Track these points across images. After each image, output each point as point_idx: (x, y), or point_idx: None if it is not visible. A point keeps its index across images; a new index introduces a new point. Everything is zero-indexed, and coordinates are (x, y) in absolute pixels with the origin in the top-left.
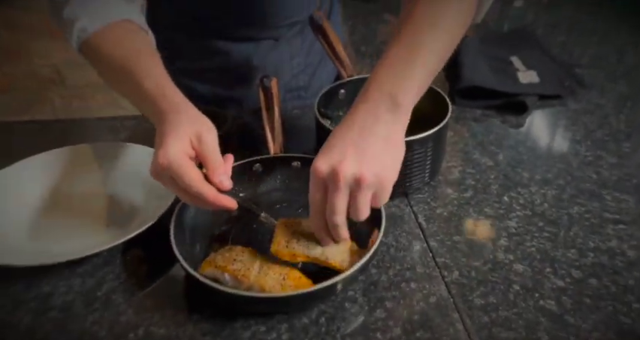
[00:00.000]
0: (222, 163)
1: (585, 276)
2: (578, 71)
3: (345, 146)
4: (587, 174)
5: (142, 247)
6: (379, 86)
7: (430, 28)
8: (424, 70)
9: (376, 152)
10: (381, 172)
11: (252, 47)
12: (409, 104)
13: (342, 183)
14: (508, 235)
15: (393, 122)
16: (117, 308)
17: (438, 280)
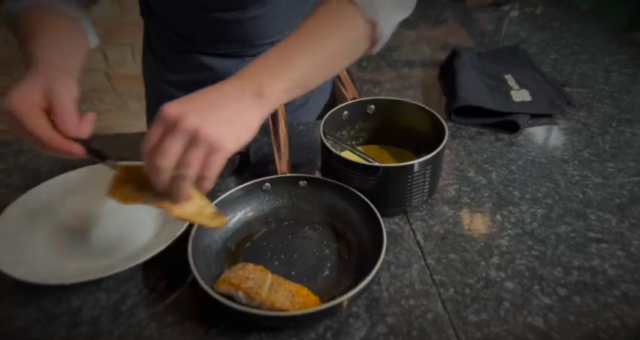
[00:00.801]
0: (73, 113)
1: (570, 294)
2: (568, 89)
3: (202, 103)
4: (573, 194)
5: (160, 264)
6: (254, 73)
7: (314, 41)
8: (293, 78)
9: (226, 121)
10: (222, 139)
11: (237, 62)
12: (272, 99)
13: (181, 129)
14: (499, 253)
15: (252, 106)
16: (140, 323)
17: (435, 297)
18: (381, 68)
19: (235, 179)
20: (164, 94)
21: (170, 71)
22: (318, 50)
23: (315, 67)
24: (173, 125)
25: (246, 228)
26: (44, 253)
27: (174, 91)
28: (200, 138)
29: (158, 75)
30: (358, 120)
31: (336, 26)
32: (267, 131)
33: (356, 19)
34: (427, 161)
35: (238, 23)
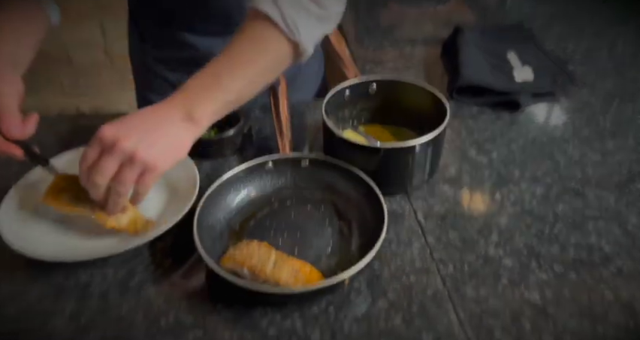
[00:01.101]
0: (15, 115)
1: (566, 270)
2: (571, 67)
3: (136, 127)
4: (572, 172)
5: (165, 241)
6: (184, 97)
7: (241, 62)
8: (224, 97)
9: (159, 142)
10: (155, 160)
11: (219, 41)
12: (201, 121)
13: (118, 151)
14: (499, 232)
15: (183, 129)
16: (149, 298)
17: (434, 274)
18: (384, 47)
19: (238, 158)
20: (149, 70)
21: (153, 48)
22: (246, 70)
23: (243, 86)
24: (110, 147)
25: (249, 207)
26: (51, 230)
27: (158, 66)
28: (135, 160)
29: (142, 50)
30: (360, 100)
31: (261, 48)
32: (269, 111)
33: (280, 41)
34: (428, 141)
35: (224, 0)
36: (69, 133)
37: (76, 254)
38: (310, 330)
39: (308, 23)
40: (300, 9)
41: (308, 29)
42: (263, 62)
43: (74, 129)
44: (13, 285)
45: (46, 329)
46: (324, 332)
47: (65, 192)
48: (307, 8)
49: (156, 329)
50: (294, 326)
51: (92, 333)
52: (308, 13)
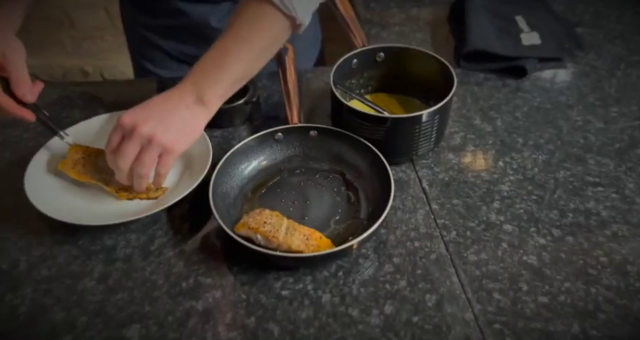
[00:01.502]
0: (27, 80)
1: (563, 234)
2: (579, 30)
3: (153, 113)
4: (575, 139)
5: (182, 208)
6: (194, 82)
7: (242, 42)
8: (229, 78)
9: (174, 125)
10: (172, 142)
11: (209, 8)
12: (212, 103)
13: (137, 136)
14: (500, 198)
15: (196, 112)
16: (169, 261)
17: (438, 240)
18: (390, 8)
19: (247, 127)
20: (140, 37)
21: (144, 15)
22: (247, 49)
23: (247, 64)
24: (130, 132)
25: (260, 175)
26: (76, 196)
27: (150, 35)
28: (153, 143)
29: (134, 18)
30: (367, 68)
31: (259, 26)
32: (276, 79)
33: (276, 17)
34: (434, 111)
35: None
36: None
37: (101, 218)
38: (321, 292)
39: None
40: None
41: (303, 3)
42: (262, 40)
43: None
44: (43, 248)
45: (77, 290)
46: (334, 294)
47: (81, 165)
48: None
49: (178, 290)
50: (305, 289)
51: (120, 294)
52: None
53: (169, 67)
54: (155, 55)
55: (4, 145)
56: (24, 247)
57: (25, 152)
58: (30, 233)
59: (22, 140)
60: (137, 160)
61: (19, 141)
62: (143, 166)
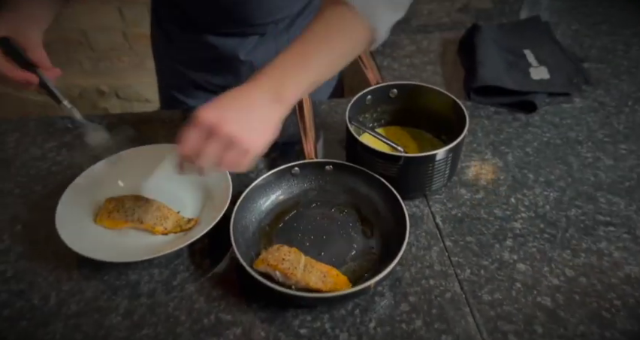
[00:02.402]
0: (41, 49)
1: (576, 275)
2: (586, 65)
3: (233, 110)
4: (585, 176)
5: (202, 242)
6: (272, 79)
7: (324, 43)
8: (308, 78)
9: (255, 126)
10: (254, 143)
11: (238, 41)
12: (289, 101)
13: (220, 135)
14: (513, 236)
15: (274, 109)
16: (191, 297)
17: (452, 278)
18: (400, 39)
19: (264, 159)
20: (171, 69)
21: (176, 48)
22: (328, 52)
23: (325, 67)
24: (212, 131)
25: (277, 209)
26: (104, 232)
27: (180, 66)
28: (236, 143)
29: (165, 50)
30: (381, 103)
31: (341, 32)
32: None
33: (357, 25)
34: (448, 150)
35: (241, 3)
36: None
37: (127, 255)
38: (338, 331)
39: (384, 9)
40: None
41: (384, 16)
42: (342, 45)
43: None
44: (71, 284)
45: (104, 325)
46: (352, 333)
47: (115, 212)
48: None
49: (200, 327)
50: (323, 327)
51: (145, 330)
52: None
53: (197, 96)
54: (184, 85)
55: (36, 178)
56: (54, 282)
57: (55, 185)
58: (60, 267)
59: (50, 173)
60: (218, 160)
61: (47, 175)
62: (224, 166)
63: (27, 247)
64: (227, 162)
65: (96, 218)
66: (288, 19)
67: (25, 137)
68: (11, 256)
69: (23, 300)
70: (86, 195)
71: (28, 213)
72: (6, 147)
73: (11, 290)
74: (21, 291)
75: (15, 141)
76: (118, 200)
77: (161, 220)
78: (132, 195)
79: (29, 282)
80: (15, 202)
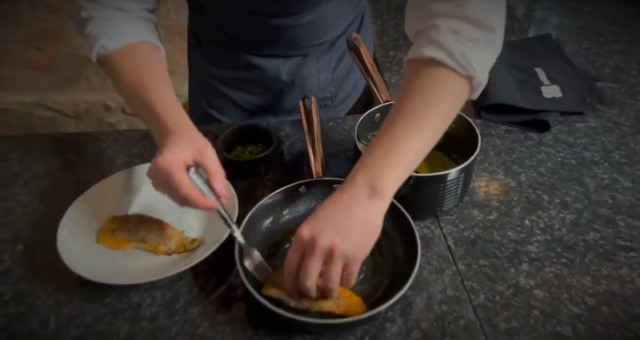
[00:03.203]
0: (222, 173)
1: (598, 303)
2: (600, 84)
3: (327, 221)
4: (602, 199)
5: (206, 263)
6: (364, 173)
7: (420, 123)
8: (403, 163)
9: (352, 230)
10: (354, 248)
11: (281, 62)
12: (388, 191)
13: (318, 250)
14: (529, 260)
15: (371, 207)
16: (194, 321)
17: (466, 304)
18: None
19: (271, 177)
20: (210, 88)
21: (218, 68)
22: (424, 124)
23: (424, 142)
24: (310, 248)
25: (283, 229)
26: (105, 254)
27: (221, 86)
28: (335, 254)
29: (205, 70)
30: None
31: (435, 96)
32: (298, 128)
33: (454, 81)
34: (460, 170)
35: (290, 28)
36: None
37: (129, 277)
38: None
39: (477, 52)
40: (464, 40)
41: (479, 58)
42: (440, 110)
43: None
44: (71, 307)
45: None
46: None
47: (118, 231)
48: (471, 37)
49: None
50: None
51: None
52: (474, 41)
53: (235, 115)
54: (224, 104)
55: (39, 197)
56: (54, 305)
57: (59, 203)
58: (60, 289)
59: (54, 191)
60: (322, 276)
61: (51, 193)
62: (332, 281)
63: (28, 268)
64: (332, 276)
65: (99, 238)
66: (331, 39)
67: (29, 154)
68: (11, 278)
69: (22, 324)
70: (89, 213)
71: (30, 232)
72: (10, 164)
73: (10, 314)
74: (20, 314)
75: (19, 158)
76: (121, 219)
77: (164, 240)
78: (136, 214)
79: (29, 305)
80: (17, 221)
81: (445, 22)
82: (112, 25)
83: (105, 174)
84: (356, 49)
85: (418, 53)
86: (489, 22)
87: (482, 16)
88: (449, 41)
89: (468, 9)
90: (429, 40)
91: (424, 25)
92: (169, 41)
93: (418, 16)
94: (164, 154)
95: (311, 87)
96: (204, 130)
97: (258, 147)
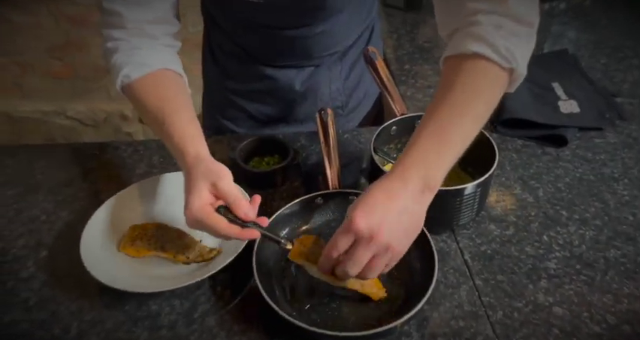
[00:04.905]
0: (242, 198)
1: (619, 322)
2: (619, 100)
3: (384, 215)
4: (623, 215)
5: (224, 272)
6: (417, 168)
7: (460, 109)
8: (451, 155)
9: (406, 230)
10: (404, 249)
11: (295, 73)
12: (438, 185)
13: (374, 246)
14: (547, 277)
15: (424, 203)
16: (211, 330)
17: (484, 320)
18: (424, 70)
19: (287, 188)
20: (225, 100)
21: (233, 81)
22: (470, 117)
23: (468, 134)
24: (367, 241)
25: None
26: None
27: (236, 97)
28: (389, 252)
29: (220, 83)
30: (405, 134)
31: (480, 88)
32: (314, 139)
33: (496, 74)
34: (477, 184)
35: (302, 39)
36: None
37: (149, 285)
38: None
39: (520, 46)
40: (507, 35)
41: (521, 52)
42: (483, 102)
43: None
44: (93, 313)
45: None
46: None
47: (139, 240)
48: (513, 31)
49: None
50: None
51: None
52: (517, 36)
53: (248, 125)
54: (238, 115)
55: (62, 204)
56: (76, 312)
57: (81, 211)
58: (82, 296)
59: (77, 199)
60: (368, 266)
61: (74, 201)
62: (374, 272)
63: (51, 275)
64: (375, 268)
65: (120, 246)
66: (342, 49)
67: (53, 163)
68: (35, 284)
69: (44, 330)
70: (111, 221)
71: (53, 239)
72: (34, 172)
73: (33, 319)
74: (43, 320)
75: (43, 167)
76: (142, 227)
77: (183, 249)
78: (155, 223)
79: (52, 311)
80: (41, 228)
81: (487, 18)
82: (135, 55)
83: (125, 183)
84: (372, 62)
85: (462, 48)
86: (528, 17)
87: (522, 12)
88: (494, 36)
89: (509, 5)
90: (472, 36)
91: (462, 23)
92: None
93: (454, 15)
94: (189, 204)
95: (323, 97)
96: (221, 141)
97: (275, 158)
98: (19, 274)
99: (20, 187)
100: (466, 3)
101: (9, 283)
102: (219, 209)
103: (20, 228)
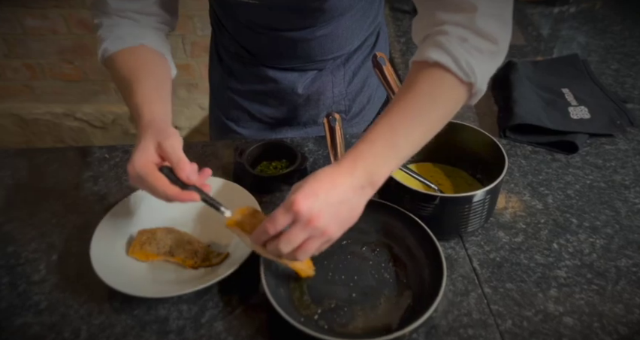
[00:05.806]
0: (186, 162)
1: (631, 333)
2: (630, 106)
3: (326, 202)
4: (635, 224)
5: (231, 277)
6: (365, 165)
7: (413, 115)
8: (399, 157)
9: (343, 218)
10: (336, 235)
11: (297, 76)
12: (380, 183)
13: (311, 228)
14: (557, 285)
15: (364, 197)
16: (219, 336)
17: (493, 329)
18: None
19: None
20: (227, 100)
21: (235, 81)
22: (421, 123)
23: (418, 140)
24: (305, 222)
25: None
26: (134, 262)
27: (239, 98)
28: (324, 236)
29: (223, 83)
30: None
31: (435, 97)
32: (322, 144)
33: (454, 86)
34: (486, 191)
35: (305, 42)
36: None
37: (157, 290)
38: None
39: (481, 62)
40: (470, 49)
41: (482, 68)
42: (438, 112)
43: None
44: (102, 317)
45: None
46: None
47: (147, 244)
48: (477, 47)
49: None
50: None
51: None
52: (480, 51)
53: (251, 127)
54: (240, 116)
55: (72, 207)
56: (85, 315)
57: (91, 215)
58: (91, 300)
59: (87, 202)
60: (300, 248)
61: (84, 204)
62: (305, 253)
63: (61, 278)
64: (308, 250)
65: (129, 250)
66: (346, 54)
67: (63, 166)
68: (46, 287)
69: (54, 333)
70: (120, 226)
71: (64, 243)
72: (45, 176)
73: (44, 323)
74: (53, 324)
75: (53, 170)
76: (150, 232)
77: (191, 254)
78: (164, 228)
79: (62, 314)
80: (52, 231)
81: (454, 29)
82: (116, 30)
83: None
84: (380, 67)
85: (425, 55)
86: (494, 34)
87: (488, 29)
88: (456, 48)
89: (476, 20)
90: (437, 45)
91: (432, 31)
92: (195, 57)
93: (426, 23)
94: (132, 159)
95: (325, 101)
96: (228, 145)
97: (283, 162)
98: (31, 277)
99: (31, 191)
100: (436, 12)
101: (20, 287)
102: (163, 169)
103: (32, 231)
